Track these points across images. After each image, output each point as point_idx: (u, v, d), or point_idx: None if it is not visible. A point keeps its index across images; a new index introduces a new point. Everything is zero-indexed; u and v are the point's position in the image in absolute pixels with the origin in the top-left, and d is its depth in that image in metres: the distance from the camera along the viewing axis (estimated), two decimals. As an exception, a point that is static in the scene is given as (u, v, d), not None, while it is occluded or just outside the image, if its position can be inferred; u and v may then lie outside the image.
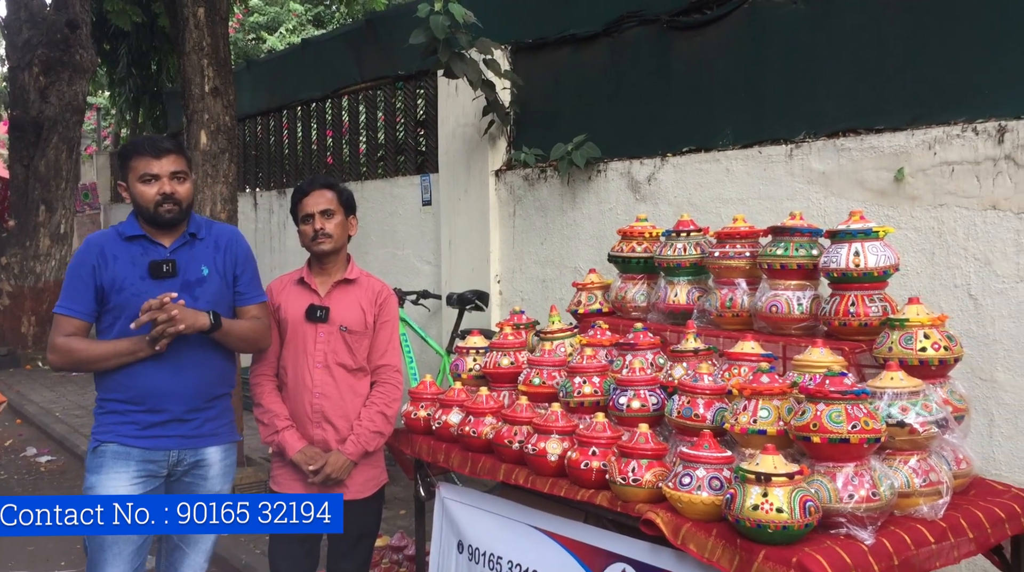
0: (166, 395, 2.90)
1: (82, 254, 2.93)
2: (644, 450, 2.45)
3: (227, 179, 5.54)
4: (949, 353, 2.44)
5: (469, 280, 5.83)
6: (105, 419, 2.94)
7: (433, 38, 4.91)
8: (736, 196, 4.30)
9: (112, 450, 2.90)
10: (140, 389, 2.89)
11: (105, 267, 2.88)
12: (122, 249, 2.92)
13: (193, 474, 2.99)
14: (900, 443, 2.29)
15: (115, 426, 2.91)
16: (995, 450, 3.42)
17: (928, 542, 2.19)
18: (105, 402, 2.95)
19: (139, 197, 2.90)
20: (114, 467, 2.89)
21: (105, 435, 2.92)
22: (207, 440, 2.99)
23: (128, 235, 2.94)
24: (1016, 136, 3.32)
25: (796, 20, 4.17)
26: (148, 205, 2.88)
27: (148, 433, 2.90)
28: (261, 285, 3.13)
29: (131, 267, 2.90)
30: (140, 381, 2.88)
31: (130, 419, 2.90)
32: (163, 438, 2.91)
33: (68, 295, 2.91)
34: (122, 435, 2.89)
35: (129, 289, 2.88)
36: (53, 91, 10.91)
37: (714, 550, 2.20)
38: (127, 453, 2.89)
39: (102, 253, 2.90)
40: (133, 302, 2.84)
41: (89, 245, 2.95)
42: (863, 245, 2.62)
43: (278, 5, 17.43)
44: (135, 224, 2.96)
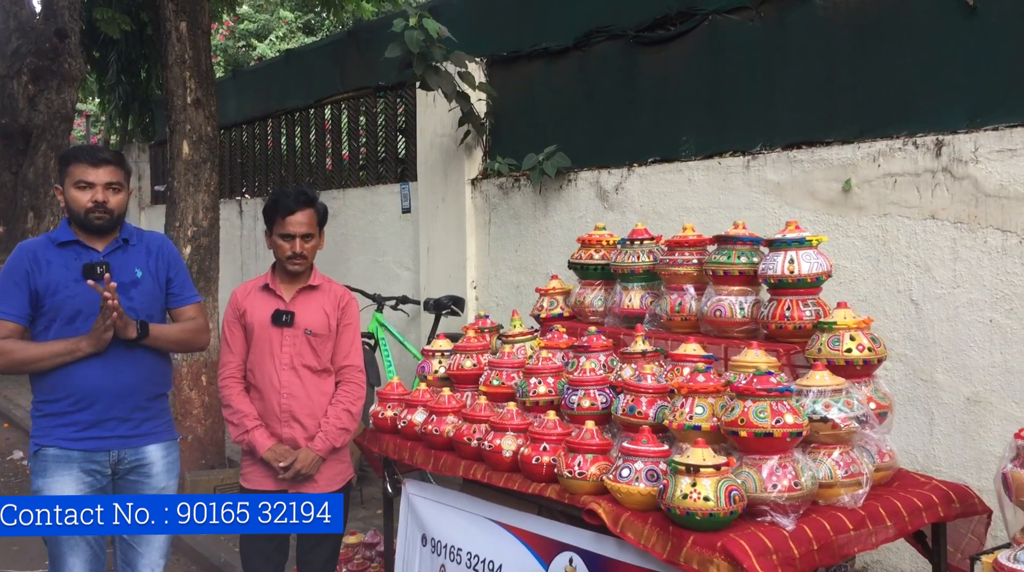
0: (103, 395, 2.97)
1: (14, 260, 3.00)
2: (589, 445, 2.62)
3: (208, 188, 5.70)
4: (873, 354, 2.61)
5: (447, 286, 5.99)
6: (43, 422, 2.99)
7: (408, 52, 5.08)
8: (698, 205, 4.48)
9: (53, 454, 2.96)
10: (77, 390, 2.95)
11: (39, 272, 2.97)
12: (55, 254, 3.00)
13: (137, 472, 3.06)
14: (824, 437, 2.46)
15: (53, 429, 2.96)
16: (935, 447, 3.60)
17: (847, 529, 2.35)
18: (42, 405, 3.00)
19: (72, 202, 3.00)
20: (57, 471, 2.95)
21: (44, 439, 2.97)
22: (146, 439, 3.07)
23: (61, 241, 3.02)
24: (952, 150, 3.50)
25: (753, 38, 4.36)
26: (80, 210, 2.99)
27: (87, 435, 2.96)
28: (194, 286, 3.28)
29: (65, 271, 2.98)
30: (77, 382, 2.94)
31: (68, 421, 2.96)
32: (102, 440, 2.98)
33: (1, 299, 2.97)
34: (61, 438, 2.95)
35: (63, 292, 2.96)
36: (42, 99, 11.03)
37: (649, 537, 2.36)
38: (68, 456, 2.96)
39: (35, 258, 2.98)
40: (67, 304, 2.96)
41: (22, 251, 3.03)
42: (797, 253, 2.79)
43: (268, 13, 17.59)
44: (68, 230, 3.05)
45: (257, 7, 17.50)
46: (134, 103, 13.88)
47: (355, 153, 7.72)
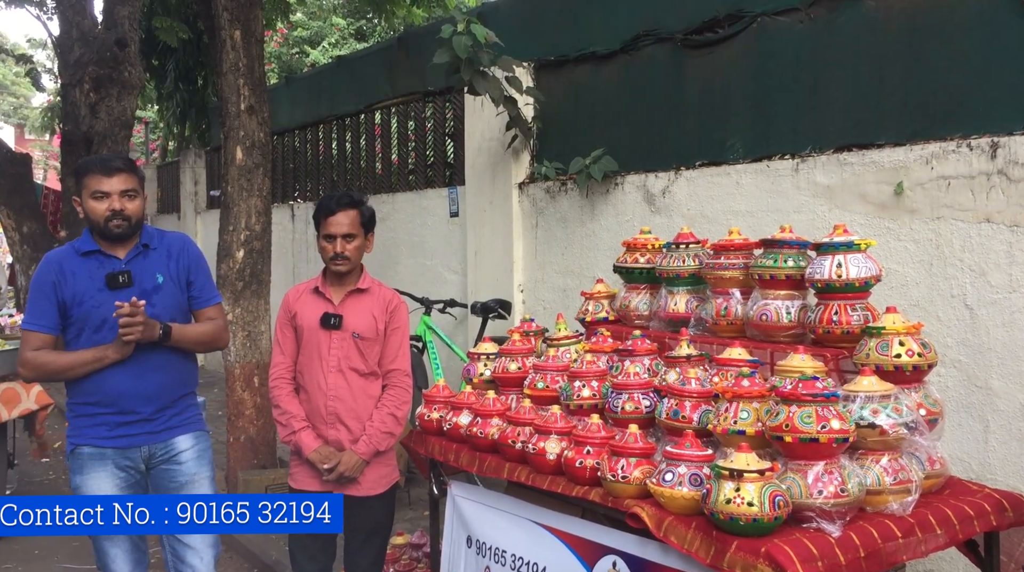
0: (132, 397, 3.10)
1: (41, 272, 3.10)
2: (633, 449, 2.62)
3: (261, 193, 5.81)
4: (923, 359, 2.57)
5: (494, 289, 6.02)
6: (77, 422, 3.14)
7: (456, 57, 5.12)
8: (746, 208, 4.44)
9: (88, 452, 3.11)
10: (108, 393, 3.09)
11: (65, 283, 3.07)
12: (79, 264, 3.10)
13: (168, 462, 3.19)
14: (871, 443, 2.43)
15: (86, 429, 3.12)
16: (990, 455, 3.52)
17: (895, 536, 2.32)
18: (76, 406, 3.14)
19: (90, 212, 3.09)
20: (93, 468, 3.10)
21: (79, 438, 3.13)
22: (174, 432, 3.20)
23: (84, 251, 3.12)
24: (1008, 151, 3.43)
25: (802, 39, 4.31)
26: (99, 220, 3.08)
27: (117, 433, 3.11)
28: (215, 287, 3.37)
29: (89, 281, 3.08)
30: (107, 386, 3.08)
31: (100, 421, 3.10)
32: (132, 437, 3.13)
33: (32, 311, 3.10)
34: (94, 437, 3.11)
35: (88, 302, 3.07)
36: (103, 107, 11.31)
37: (692, 541, 2.35)
38: (102, 454, 3.11)
39: (60, 269, 3.08)
40: (93, 314, 3.07)
41: (48, 262, 3.13)
42: (845, 257, 2.75)
43: (321, 20, 17.86)
44: (90, 239, 3.14)
45: (310, 14, 17.78)
46: (191, 110, 14.21)
47: (404, 157, 7.80)
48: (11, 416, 5.43)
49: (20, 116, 36.52)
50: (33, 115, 31.30)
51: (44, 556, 5.24)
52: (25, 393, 5.46)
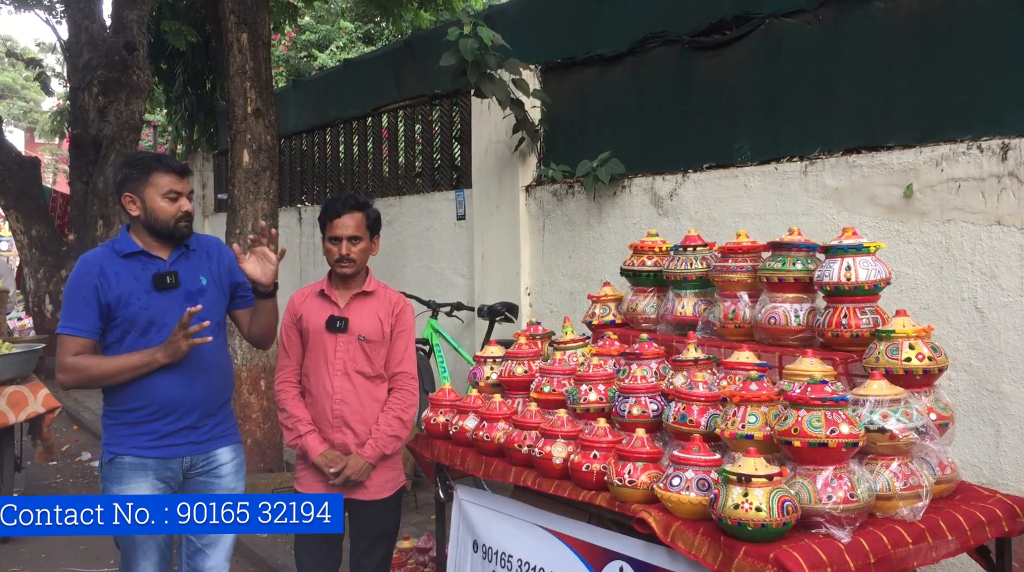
0: (179, 404, 3.01)
1: (81, 274, 2.97)
2: (640, 453, 2.59)
3: (268, 196, 5.81)
4: (933, 363, 2.54)
5: (501, 292, 6.01)
6: (118, 431, 3.01)
7: (463, 60, 5.11)
8: (754, 211, 4.42)
9: (129, 462, 2.99)
10: (154, 400, 2.98)
11: (108, 285, 2.95)
12: (122, 266, 2.99)
13: (208, 474, 3.11)
14: (881, 448, 2.40)
15: (129, 438, 2.99)
16: (1001, 460, 3.48)
17: (905, 542, 2.29)
18: (117, 413, 3.01)
19: (160, 211, 2.99)
20: (133, 478, 2.98)
21: (119, 447, 3.00)
22: (216, 442, 3.13)
23: (126, 252, 3.01)
24: (1019, 153, 3.40)
25: (810, 41, 4.28)
26: (169, 220, 3.00)
27: (162, 443, 3.00)
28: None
29: (134, 282, 2.98)
30: (153, 393, 2.97)
31: (143, 430, 2.99)
32: (176, 446, 3.02)
33: (71, 315, 2.96)
34: (137, 446, 2.98)
35: (136, 303, 2.97)
36: (111, 110, 11.37)
37: (700, 547, 2.33)
38: (143, 464, 2.99)
39: (102, 272, 2.96)
40: (141, 316, 2.97)
41: (87, 265, 2.99)
42: (854, 260, 2.73)
43: (329, 23, 17.89)
44: (131, 240, 3.03)
45: (318, 18, 17.81)
46: (199, 113, 14.25)
47: (411, 160, 7.80)
48: (18, 419, 5.43)
49: (30, 120, 36.71)
50: (43, 119, 31.47)
51: (50, 559, 5.24)
52: (32, 396, 5.46)
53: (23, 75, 32.91)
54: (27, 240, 11.56)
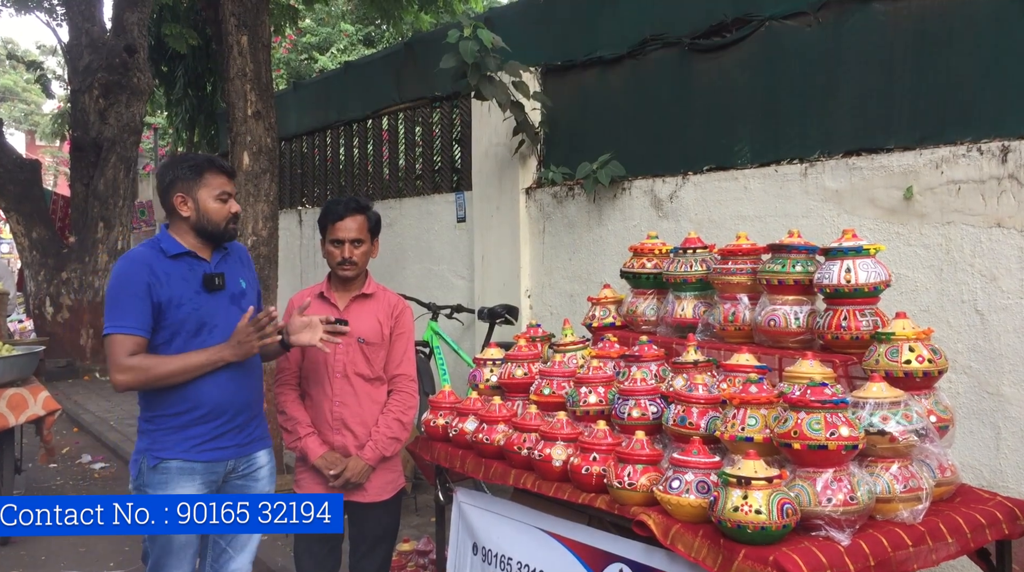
0: (227, 407, 2.97)
1: (131, 272, 2.88)
2: (640, 456, 2.59)
3: (268, 198, 5.81)
4: (933, 366, 2.54)
5: (501, 295, 6.00)
6: (162, 435, 2.92)
7: (463, 62, 5.11)
8: (754, 213, 4.42)
9: (177, 466, 2.91)
10: (203, 402, 2.92)
11: (160, 285, 2.87)
12: (171, 267, 2.92)
13: (246, 478, 3.09)
14: (881, 450, 2.40)
15: (176, 442, 2.92)
16: (1002, 462, 3.48)
17: (906, 545, 2.29)
18: (162, 418, 2.93)
19: (212, 212, 2.96)
20: (181, 483, 2.91)
21: (166, 452, 2.91)
22: (256, 445, 3.12)
23: (174, 253, 2.95)
24: (1019, 155, 3.39)
25: (810, 43, 4.28)
26: (221, 221, 2.97)
27: (210, 446, 2.95)
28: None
29: (184, 283, 2.92)
30: (203, 395, 2.92)
31: (191, 433, 2.92)
32: (222, 449, 2.99)
33: (124, 313, 2.85)
34: (184, 450, 2.92)
35: (188, 304, 2.91)
36: (112, 113, 11.38)
37: (700, 550, 2.32)
38: (191, 468, 2.93)
39: (152, 271, 2.88)
40: (192, 317, 2.92)
41: (136, 263, 2.90)
42: (854, 262, 2.73)
43: (329, 26, 17.91)
44: (175, 241, 2.97)
45: (319, 20, 17.84)
46: (200, 116, 14.28)
47: (411, 163, 7.80)
48: (18, 421, 5.42)
49: (31, 122, 36.77)
50: (44, 121, 31.51)
51: (50, 562, 5.23)
52: (32, 398, 5.45)
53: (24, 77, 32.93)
54: (28, 242, 11.57)
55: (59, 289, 11.48)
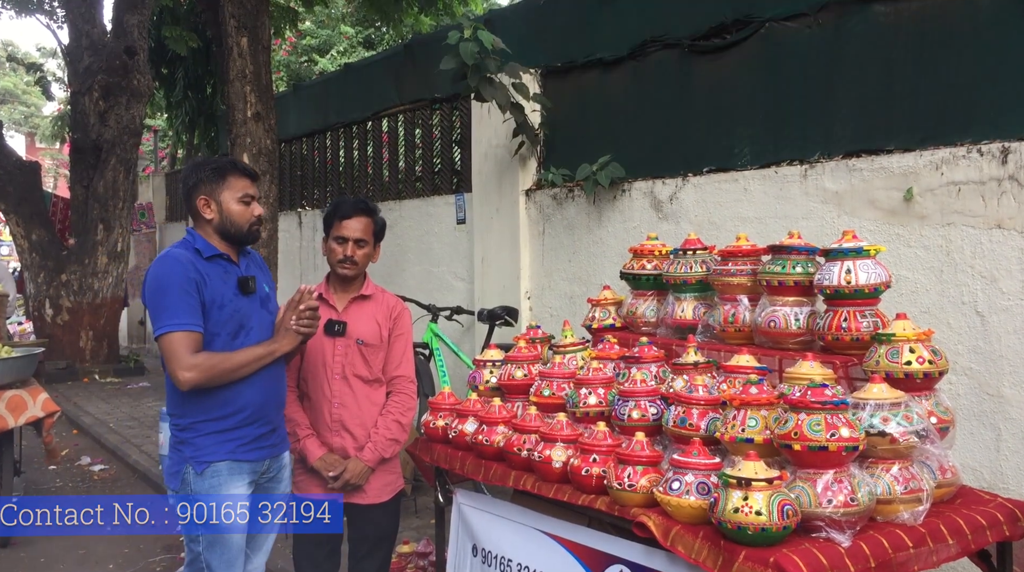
0: (265, 409, 2.98)
1: (176, 270, 2.84)
2: (640, 457, 2.58)
3: (268, 199, 5.81)
4: (934, 367, 2.53)
5: (501, 296, 6.00)
6: (206, 441, 2.89)
7: (463, 64, 5.11)
8: (754, 215, 4.41)
9: (227, 467, 2.89)
10: (246, 405, 2.92)
11: (205, 285, 2.86)
12: (209, 268, 2.91)
13: (274, 479, 3.08)
14: (882, 452, 2.39)
15: (221, 445, 2.89)
16: (1002, 464, 3.47)
17: (906, 546, 2.28)
18: (202, 424, 2.89)
19: (236, 215, 2.95)
20: (232, 483, 2.90)
21: (213, 455, 2.88)
22: (283, 445, 3.13)
23: (209, 254, 2.93)
24: (1019, 157, 3.39)
25: (811, 45, 4.28)
26: (244, 224, 2.97)
27: (253, 446, 2.95)
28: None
29: (223, 285, 2.91)
30: (245, 397, 2.92)
31: (234, 436, 2.91)
32: (262, 449, 2.99)
33: (177, 310, 2.80)
34: (231, 451, 2.90)
35: (229, 306, 2.90)
36: (112, 115, 11.38)
37: (700, 551, 2.32)
38: (240, 468, 2.91)
39: (197, 270, 2.86)
40: (232, 319, 2.91)
41: (182, 262, 2.87)
42: (854, 263, 2.72)
43: (329, 28, 17.92)
44: (208, 243, 2.95)
45: (319, 23, 17.84)
46: (200, 118, 14.28)
47: (411, 165, 7.80)
48: (18, 423, 5.41)
49: (31, 125, 36.79)
50: (44, 124, 31.52)
51: (49, 564, 5.22)
52: (32, 400, 5.45)
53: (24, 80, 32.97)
54: (27, 244, 11.57)
55: (59, 291, 11.47)
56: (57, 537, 5.60)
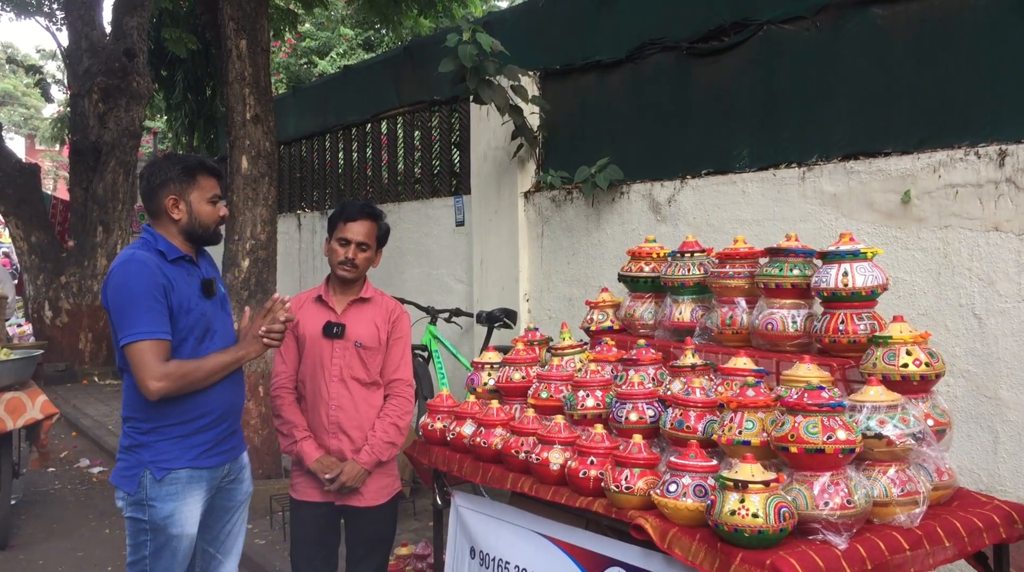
0: (229, 411, 2.98)
1: (145, 276, 2.77)
2: (637, 459, 2.59)
3: (267, 202, 5.81)
4: (930, 369, 2.53)
5: (499, 298, 6.00)
6: (167, 446, 2.85)
7: (462, 66, 5.12)
8: (752, 217, 4.42)
9: (186, 475, 2.86)
10: (212, 408, 2.90)
11: (172, 289, 2.81)
12: (173, 271, 2.85)
13: (235, 480, 3.09)
14: (878, 454, 2.39)
15: (184, 451, 2.86)
16: (1000, 466, 3.48)
17: (903, 548, 2.28)
18: (166, 428, 2.85)
19: (204, 215, 2.91)
20: (191, 492, 2.87)
21: (174, 462, 2.84)
22: (241, 447, 3.13)
23: (174, 257, 2.88)
24: (1016, 159, 3.40)
25: (809, 48, 4.29)
26: (211, 224, 2.94)
27: (215, 452, 2.93)
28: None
29: (188, 288, 2.87)
30: (212, 401, 2.90)
31: (197, 441, 2.88)
32: (223, 454, 2.98)
33: (150, 318, 2.74)
34: (192, 458, 2.87)
35: (195, 310, 2.86)
36: (111, 117, 11.38)
37: (697, 553, 2.32)
38: (199, 476, 2.89)
39: (164, 275, 2.80)
40: (200, 323, 2.87)
41: (148, 266, 2.79)
42: (851, 266, 2.72)
43: (329, 30, 17.93)
44: (171, 244, 2.90)
45: (318, 25, 17.85)
46: (199, 120, 14.26)
47: (410, 167, 7.81)
48: (16, 425, 5.41)
49: (31, 127, 36.81)
50: (43, 126, 31.53)
51: (48, 566, 5.23)
52: (30, 402, 5.45)
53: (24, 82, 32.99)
54: (27, 246, 11.57)
55: (58, 293, 11.47)
56: (56, 540, 5.61)
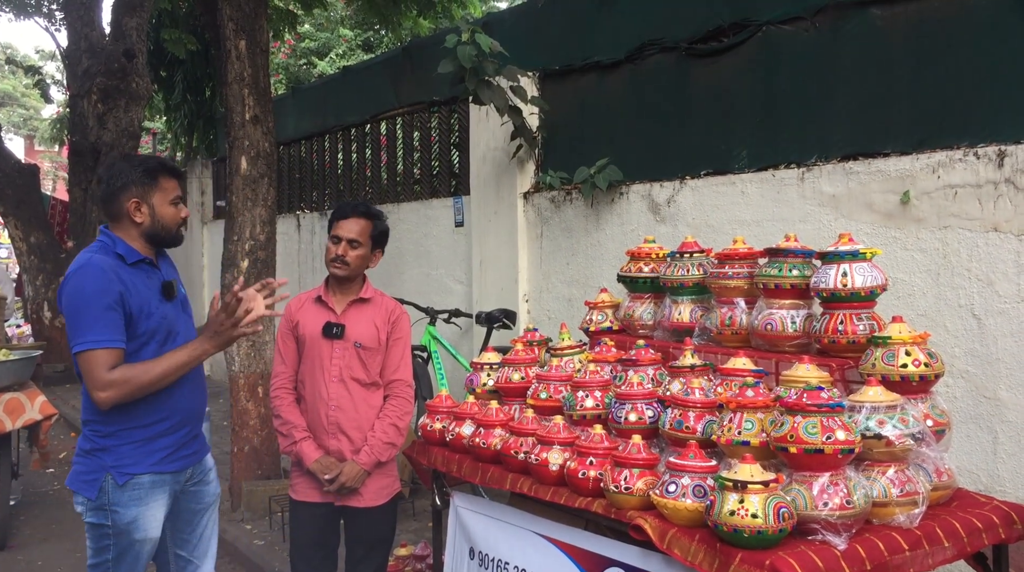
0: (192, 414, 2.97)
1: (101, 281, 2.73)
2: (636, 460, 2.59)
3: (266, 202, 5.81)
4: (929, 370, 2.53)
5: (499, 299, 6.00)
6: (130, 450, 2.81)
7: (461, 67, 5.12)
8: (751, 218, 4.42)
9: (149, 480, 2.84)
10: (175, 411, 2.88)
11: (130, 294, 2.77)
12: (132, 275, 2.82)
13: (200, 482, 3.08)
14: (878, 454, 2.39)
15: (146, 456, 2.83)
16: (999, 467, 3.48)
17: (902, 549, 2.28)
18: (127, 432, 2.81)
19: (167, 218, 2.89)
20: (153, 497, 2.85)
21: (136, 466, 2.81)
22: (203, 450, 3.11)
23: (134, 260, 2.85)
24: (1015, 160, 3.40)
25: (808, 48, 4.29)
26: (172, 226, 2.92)
27: (177, 456, 2.91)
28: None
29: (148, 291, 2.84)
30: (174, 404, 2.87)
31: (159, 445, 2.86)
32: (186, 457, 2.96)
33: (99, 325, 2.70)
34: (155, 463, 2.85)
35: (156, 313, 2.84)
36: (110, 118, 11.37)
37: (696, 554, 2.32)
38: (162, 480, 2.87)
39: (120, 279, 2.77)
40: (162, 326, 2.85)
41: (105, 272, 2.75)
42: (851, 266, 2.73)
43: (328, 31, 17.93)
44: (131, 247, 2.86)
45: (318, 26, 17.85)
46: (199, 121, 14.25)
47: (410, 167, 7.81)
48: (15, 426, 5.41)
49: (30, 127, 36.79)
50: (42, 126, 31.53)
51: (46, 567, 5.22)
52: (29, 403, 5.45)
53: (23, 82, 32.97)
54: (26, 247, 11.56)
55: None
56: (54, 541, 5.61)
